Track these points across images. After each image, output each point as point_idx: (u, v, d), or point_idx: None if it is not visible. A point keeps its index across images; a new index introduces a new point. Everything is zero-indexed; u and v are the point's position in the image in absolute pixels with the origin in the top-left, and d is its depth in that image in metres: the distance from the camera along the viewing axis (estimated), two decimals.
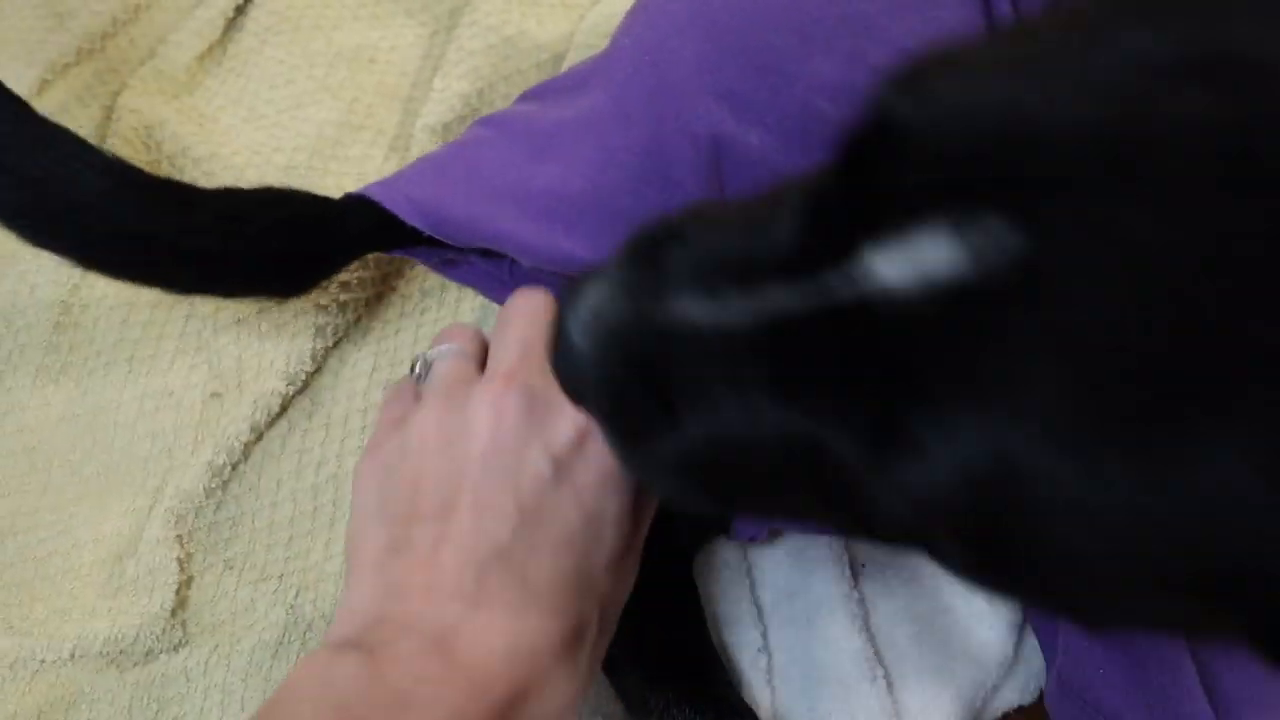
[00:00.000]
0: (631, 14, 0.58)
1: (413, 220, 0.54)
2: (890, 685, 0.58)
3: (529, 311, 0.49)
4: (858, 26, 0.51)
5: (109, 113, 0.72)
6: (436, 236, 0.54)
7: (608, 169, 0.51)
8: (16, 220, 0.52)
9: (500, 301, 0.56)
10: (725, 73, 0.51)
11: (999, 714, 0.60)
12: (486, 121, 0.59)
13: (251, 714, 0.37)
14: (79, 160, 0.52)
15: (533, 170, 0.53)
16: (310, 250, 0.58)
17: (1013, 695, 0.60)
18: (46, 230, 0.53)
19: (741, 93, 0.51)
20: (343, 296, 0.64)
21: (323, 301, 0.64)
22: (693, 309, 0.30)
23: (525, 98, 0.62)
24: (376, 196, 0.56)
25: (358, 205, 0.56)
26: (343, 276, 0.64)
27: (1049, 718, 0.56)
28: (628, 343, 0.32)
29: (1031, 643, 0.59)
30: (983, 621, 0.59)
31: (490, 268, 0.58)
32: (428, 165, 0.58)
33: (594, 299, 0.33)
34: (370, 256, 0.63)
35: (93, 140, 0.55)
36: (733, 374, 0.31)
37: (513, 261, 0.56)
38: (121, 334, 0.64)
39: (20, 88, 0.70)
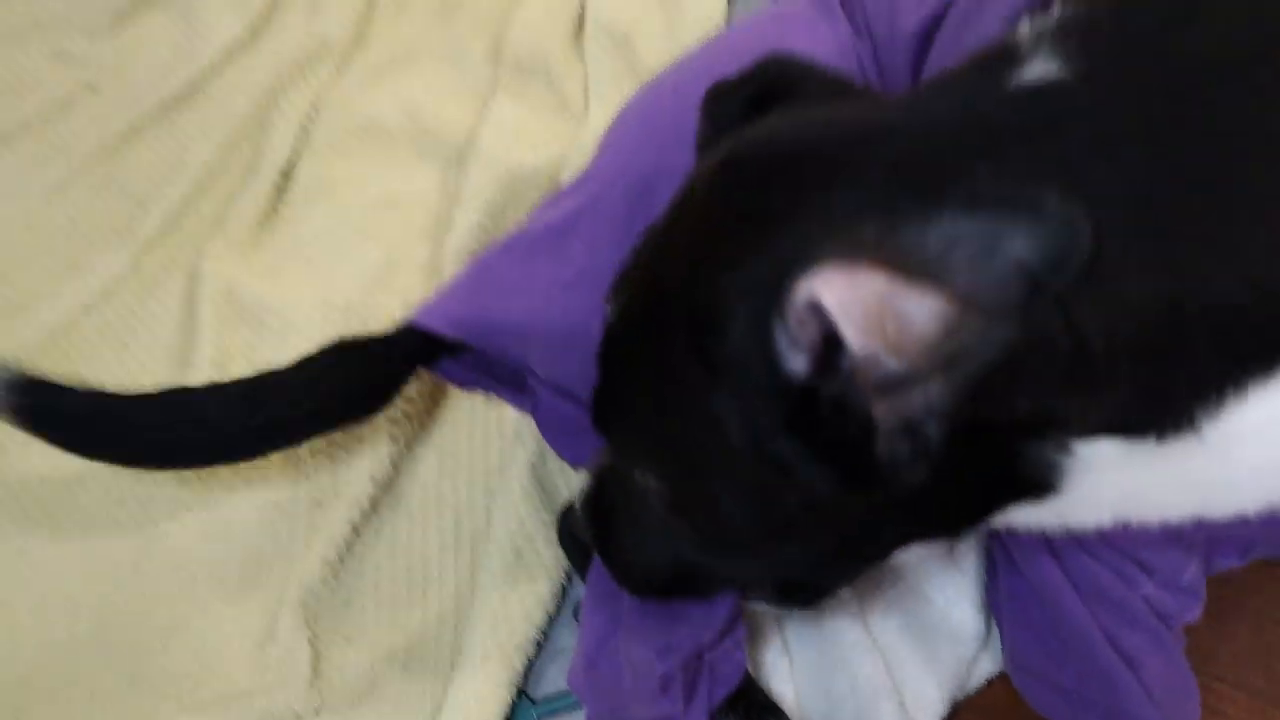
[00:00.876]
0: (605, 135, 0.73)
1: (450, 332, 0.69)
2: (889, 667, 0.72)
3: None
4: None
5: (193, 279, 0.87)
6: (470, 343, 0.69)
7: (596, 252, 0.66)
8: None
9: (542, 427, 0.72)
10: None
11: (982, 682, 0.74)
12: (497, 243, 0.74)
13: None
14: (203, 404, 0.70)
15: (532, 269, 0.68)
16: (375, 381, 0.73)
17: (990, 665, 0.74)
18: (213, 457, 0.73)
19: None
20: (407, 409, 0.79)
21: (393, 415, 0.79)
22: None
23: (530, 217, 0.76)
24: (419, 322, 0.70)
25: (406, 332, 0.72)
26: (405, 392, 0.79)
27: None
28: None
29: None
30: (957, 606, 0.73)
31: (517, 399, 0.73)
32: (455, 286, 0.72)
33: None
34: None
35: (183, 303, 0.73)
36: None
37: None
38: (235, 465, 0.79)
39: (115, 269, 0.87)
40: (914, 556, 0.69)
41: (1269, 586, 0.76)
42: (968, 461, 0.44)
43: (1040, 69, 0.43)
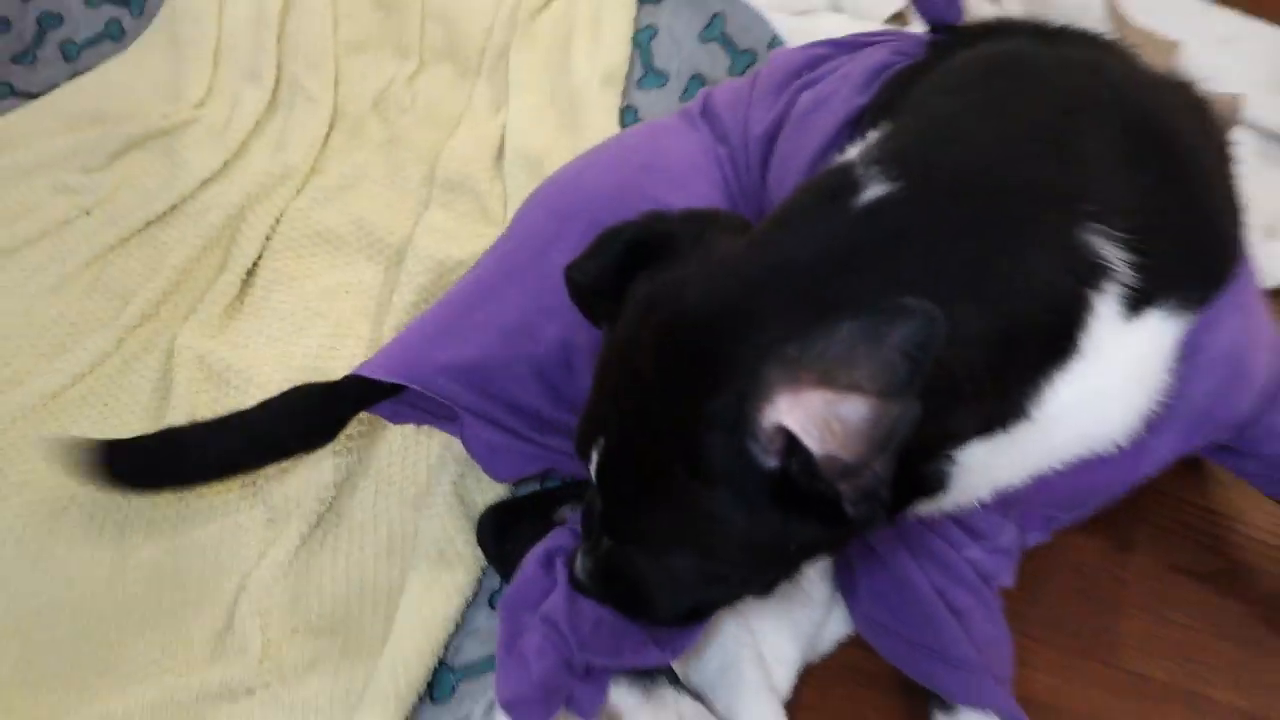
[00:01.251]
0: (515, 215, 0.92)
1: (388, 377, 0.86)
2: (752, 630, 0.85)
3: None
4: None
5: (169, 354, 1.04)
6: (406, 383, 0.86)
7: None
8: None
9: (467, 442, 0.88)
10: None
11: (834, 643, 0.88)
12: (424, 312, 0.92)
13: None
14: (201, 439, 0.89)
15: (453, 321, 0.86)
16: (327, 418, 0.90)
17: (839, 628, 0.88)
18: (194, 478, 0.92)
19: None
20: (348, 443, 0.95)
21: (335, 448, 0.94)
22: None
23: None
24: (363, 372, 0.87)
25: (351, 380, 0.88)
26: (348, 430, 0.94)
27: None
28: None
29: None
30: (808, 577, 0.88)
31: (446, 427, 0.90)
32: (391, 344, 0.90)
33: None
34: (364, 415, 0.94)
35: (159, 372, 0.92)
36: None
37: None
38: (202, 491, 0.94)
39: (100, 348, 1.04)
40: None
41: (1072, 562, 0.92)
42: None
43: (874, 192, 0.61)
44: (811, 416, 0.52)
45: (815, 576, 0.88)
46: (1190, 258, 0.67)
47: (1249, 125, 1.21)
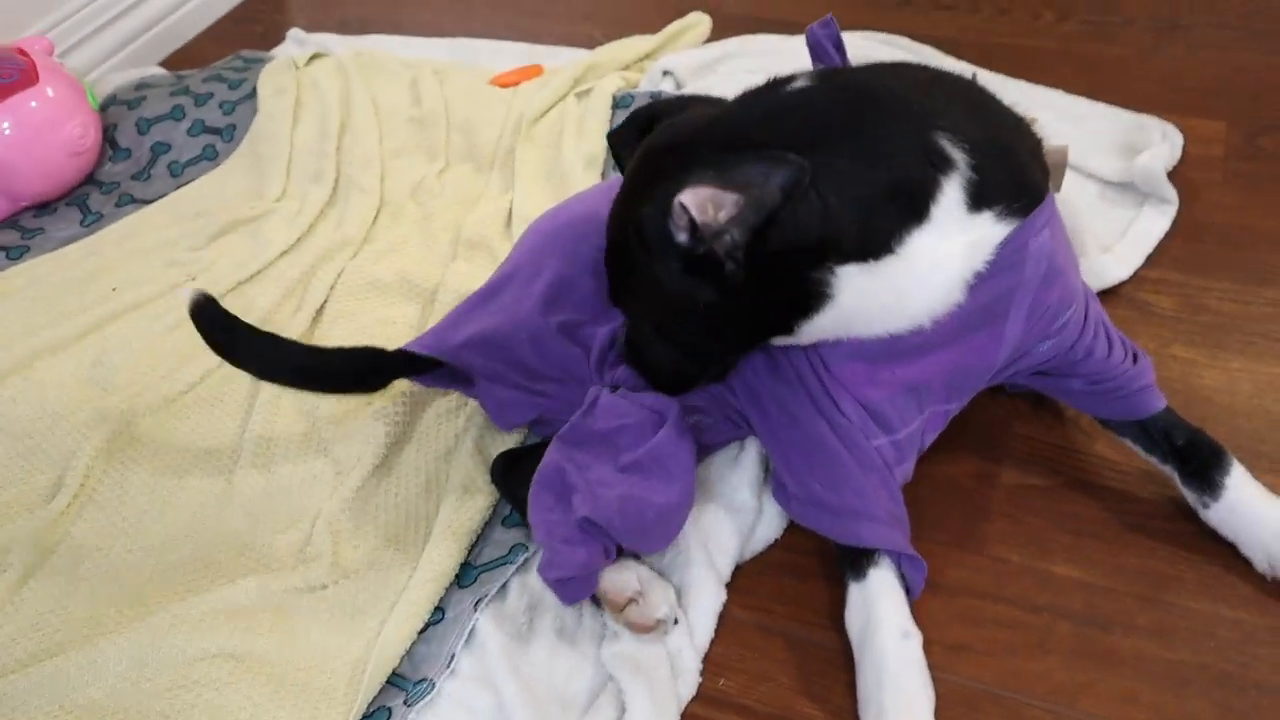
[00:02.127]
0: (516, 243, 1.25)
1: (425, 351, 1.17)
2: (699, 527, 1.12)
3: None
4: None
5: None
6: (437, 356, 1.17)
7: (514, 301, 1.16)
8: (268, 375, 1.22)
9: (482, 400, 1.18)
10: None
11: (764, 544, 1.14)
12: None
13: None
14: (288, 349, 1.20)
15: (473, 312, 1.17)
16: (380, 373, 1.21)
17: (767, 532, 1.15)
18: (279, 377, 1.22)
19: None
20: (397, 416, 1.25)
21: (387, 420, 1.25)
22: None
23: None
24: (407, 348, 1.19)
25: (401, 353, 1.19)
26: (395, 405, 1.25)
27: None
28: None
29: (769, 497, 1.14)
30: (739, 491, 1.15)
31: (469, 391, 1.20)
32: (427, 331, 1.21)
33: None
34: (409, 389, 1.25)
35: (252, 383, 1.32)
36: None
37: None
38: (287, 450, 1.24)
39: (208, 365, 1.35)
40: (713, 465, 1.15)
41: (950, 482, 1.19)
42: (780, 280, 0.89)
43: (797, 85, 0.90)
44: (701, 201, 0.83)
45: (745, 490, 1.17)
46: (1010, 181, 0.91)
47: (1092, 175, 1.54)
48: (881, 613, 0.98)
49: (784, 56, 1.78)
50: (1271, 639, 1.00)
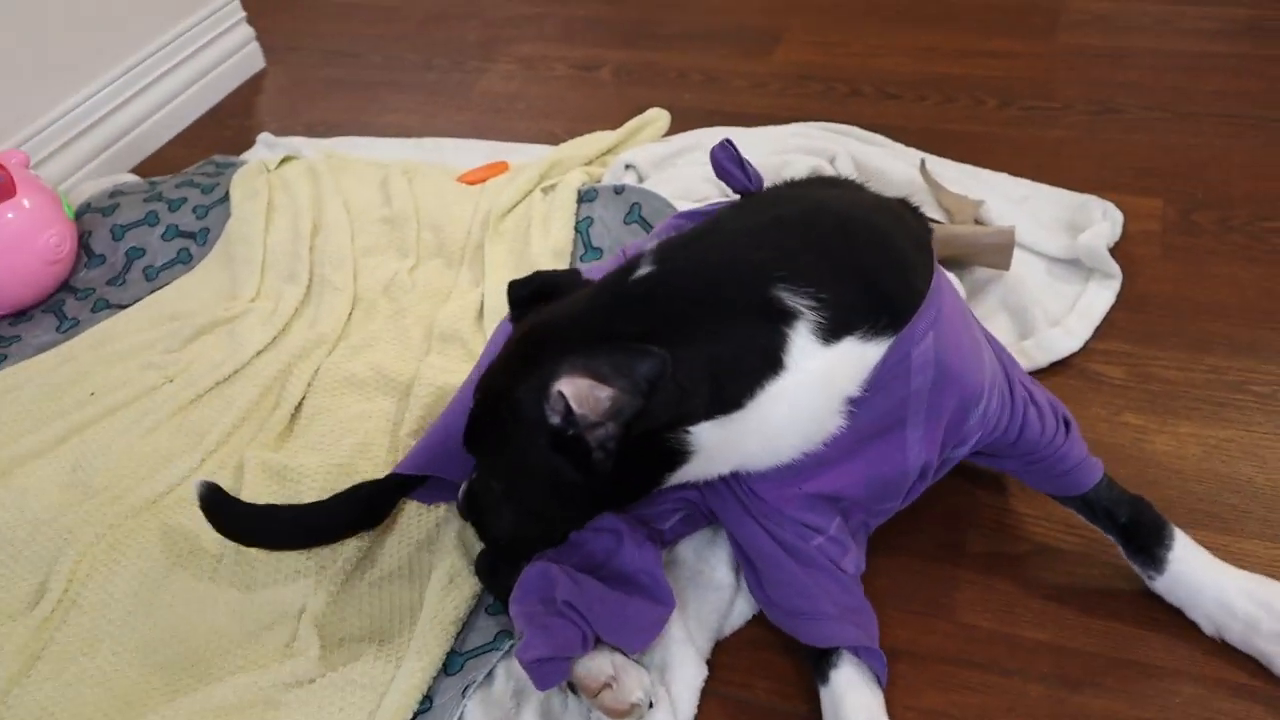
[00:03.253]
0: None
1: (414, 471, 1.22)
2: (686, 616, 1.15)
3: None
4: None
5: (239, 467, 1.38)
6: (427, 472, 1.21)
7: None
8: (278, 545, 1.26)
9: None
10: None
11: (741, 621, 1.17)
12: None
13: None
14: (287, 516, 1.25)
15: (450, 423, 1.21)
16: (379, 505, 1.26)
17: (745, 608, 1.17)
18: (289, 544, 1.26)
19: None
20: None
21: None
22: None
23: None
24: (399, 470, 1.23)
25: (393, 477, 1.24)
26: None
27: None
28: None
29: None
30: (717, 570, 1.19)
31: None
32: (414, 450, 1.25)
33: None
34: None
35: (234, 480, 1.31)
36: None
37: None
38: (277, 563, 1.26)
39: (188, 466, 1.37)
40: (690, 545, 1.18)
41: (918, 555, 1.23)
42: (641, 455, 0.95)
43: (643, 271, 0.98)
44: (579, 392, 0.90)
45: (723, 568, 1.20)
46: (867, 303, 0.94)
47: (1039, 253, 1.61)
48: (848, 714, 1.01)
49: (739, 148, 1.85)
50: (1233, 694, 1.04)
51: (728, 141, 1.14)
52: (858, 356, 0.95)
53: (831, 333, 0.93)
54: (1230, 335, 1.45)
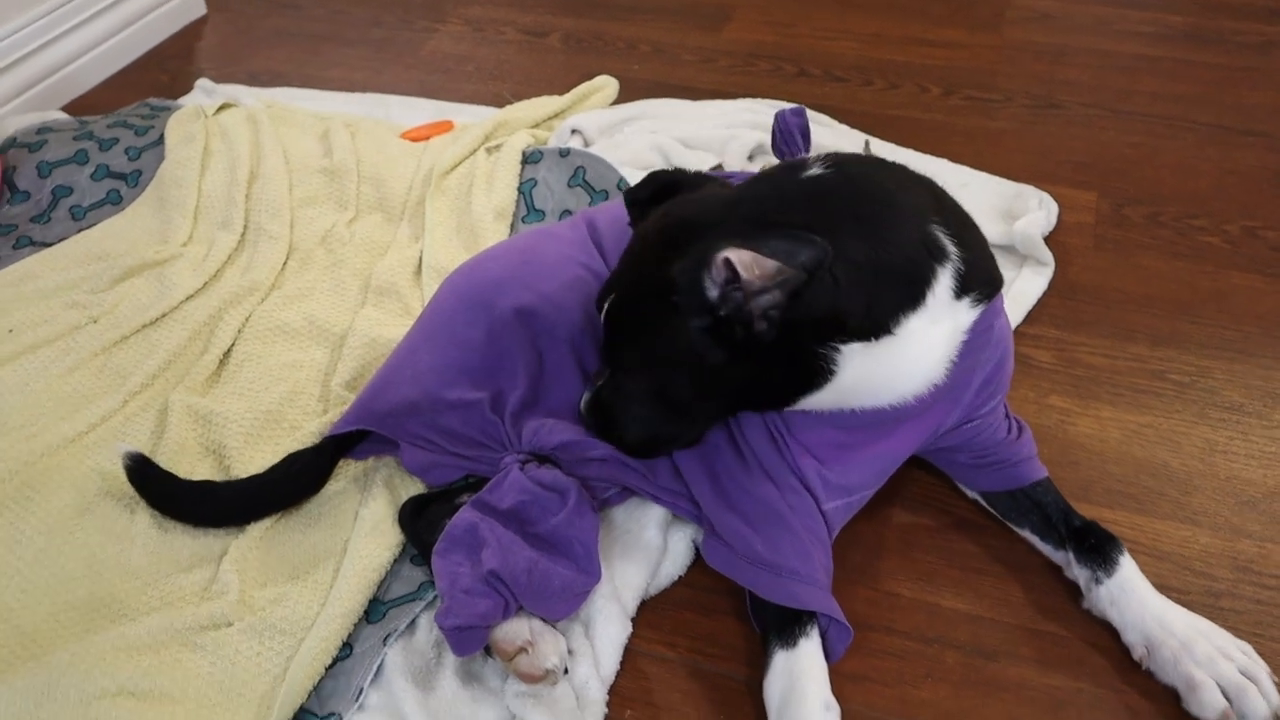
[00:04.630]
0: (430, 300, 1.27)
1: (348, 429, 1.20)
2: (613, 574, 1.15)
3: None
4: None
5: (163, 411, 1.35)
6: (365, 427, 1.19)
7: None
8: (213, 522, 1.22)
9: (409, 465, 1.20)
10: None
11: (669, 580, 1.18)
12: (370, 379, 1.26)
13: None
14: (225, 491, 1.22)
15: (391, 377, 1.20)
16: (317, 472, 1.24)
17: (672, 569, 1.18)
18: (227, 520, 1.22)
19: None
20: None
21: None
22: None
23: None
24: (332, 432, 1.21)
25: (328, 440, 1.22)
26: (309, 431, 1.26)
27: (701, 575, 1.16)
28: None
29: (675, 536, 1.19)
30: (645, 528, 1.19)
31: (393, 451, 1.23)
32: (351, 407, 1.23)
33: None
34: (321, 430, 1.26)
35: (156, 423, 1.26)
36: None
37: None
38: None
39: (108, 408, 1.34)
40: (622, 506, 1.18)
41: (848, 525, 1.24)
42: (787, 354, 0.95)
43: (814, 172, 0.99)
44: (744, 261, 0.88)
45: (653, 529, 1.20)
46: (985, 270, 1.02)
47: None
48: (807, 684, 1.00)
49: (686, 120, 1.86)
50: (1137, 666, 1.07)
51: (802, 109, 1.14)
52: (967, 317, 1.00)
53: (962, 287, 0.98)
54: (1153, 326, 1.49)
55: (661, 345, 0.99)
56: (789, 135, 1.14)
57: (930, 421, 1.10)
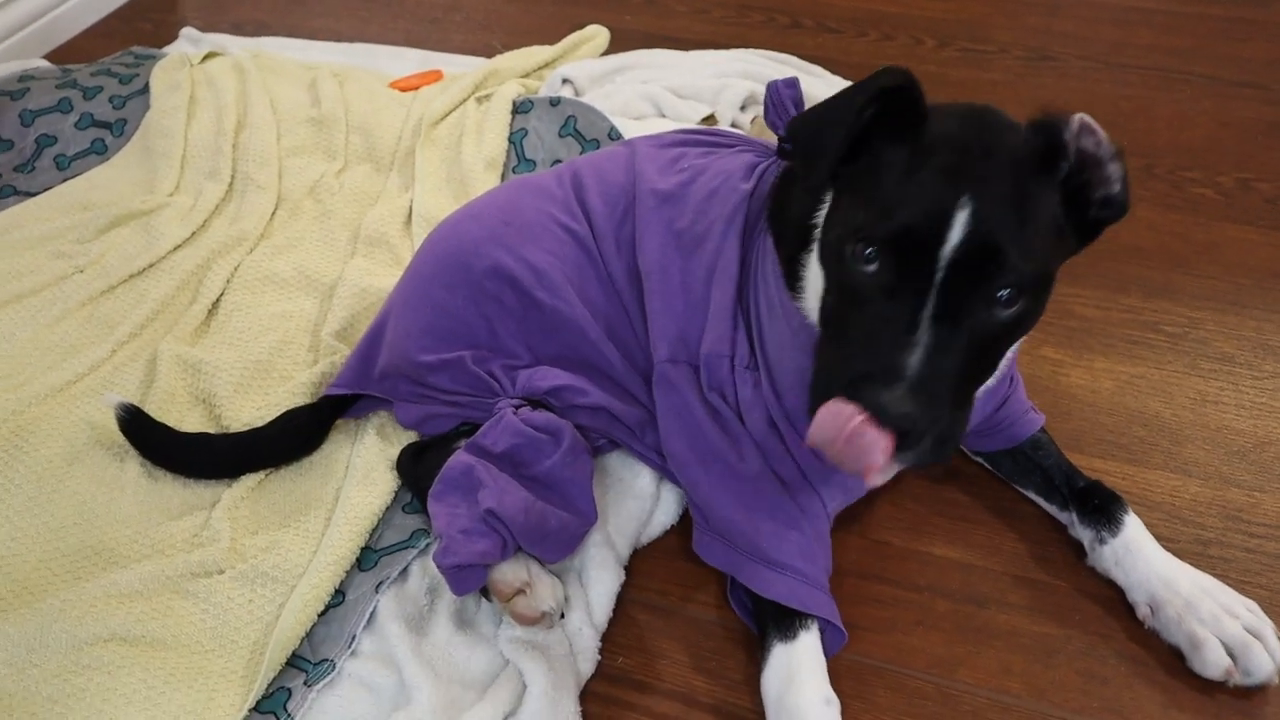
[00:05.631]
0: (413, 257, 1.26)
1: (344, 391, 1.20)
2: (602, 511, 1.15)
3: None
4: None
5: (152, 361, 1.33)
6: (359, 390, 1.19)
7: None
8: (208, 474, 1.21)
9: (404, 421, 1.20)
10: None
11: (657, 535, 1.18)
12: (361, 338, 1.24)
13: None
14: (220, 445, 1.21)
15: (376, 339, 1.20)
16: (313, 431, 1.23)
17: (664, 518, 1.18)
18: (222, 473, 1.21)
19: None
20: (299, 397, 1.25)
21: (290, 399, 1.24)
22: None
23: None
24: (329, 393, 1.21)
25: (325, 400, 1.21)
26: (300, 381, 1.27)
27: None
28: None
29: (667, 484, 1.19)
30: (639, 475, 1.19)
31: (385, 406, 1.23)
32: (344, 369, 1.23)
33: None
34: (309, 379, 1.26)
35: (145, 372, 1.25)
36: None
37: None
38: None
39: (97, 356, 1.33)
40: (616, 453, 1.18)
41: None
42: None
43: None
44: (1090, 140, 0.85)
45: (646, 477, 1.20)
46: None
47: None
48: (807, 677, 0.97)
49: (678, 70, 1.84)
50: (1128, 611, 1.07)
51: (796, 80, 1.09)
52: None
53: None
54: (1147, 277, 1.49)
55: (1033, 218, 0.85)
56: (781, 106, 1.11)
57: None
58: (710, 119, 1.67)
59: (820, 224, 1.00)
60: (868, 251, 0.86)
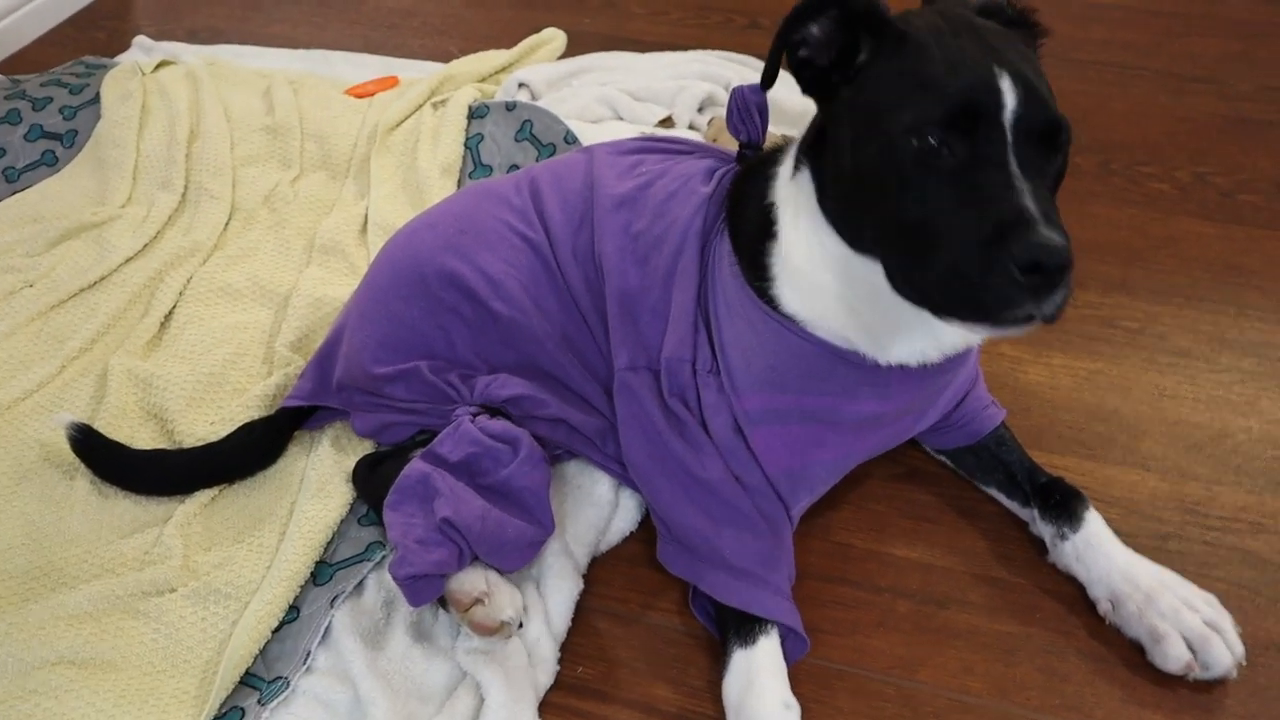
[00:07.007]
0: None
1: (305, 402, 1.19)
2: (560, 520, 1.14)
3: None
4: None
5: (103, 376, 1.31)
6: (315, 402, 1.18)
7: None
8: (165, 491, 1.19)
9: (361, 431, 1.19)
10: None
11: (615, 542, 1.17)
12: (316, 351, 1.23)
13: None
14: (175, 461, 1.19)
15: (331, 352, 1.18)
16: (271, 443, 1.21)
17: (622, 525, 1.17)
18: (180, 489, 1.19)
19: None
20: (251, 411, 1.23)
21: (241, 414, 1.23)
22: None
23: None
24: (286, 404, 1.20)
25: (283, 412, 1.20)
26: (253, 394, 1.25)
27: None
28: None
29: (625, 491, 1.18)
30: (597, 483, 1.18)
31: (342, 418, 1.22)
32: (300, 381, 1.21)
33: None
34: (263, 391, 1.24)
35: (95, 388, 1.24)
36: None
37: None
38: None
39: (45, 372, 1.31)
40: (574, 461, 1.17)
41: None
42: None
43: None
44: None
45: (604, 484, 1.19)
46: None
47: None
48: (766, 682, 0.97)
49: (635, 73, 1.83)
50: (1088, 608, 1.07)
51: (759, 87, 1.07)
52: None
53: None
54: (1104, 273, 1.50)
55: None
56: (746, 113, 1.11)
57: (901, 428, 1.10)
58: (667, 121, 1.66)
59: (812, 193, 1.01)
60: (930, 139, 0.85)
